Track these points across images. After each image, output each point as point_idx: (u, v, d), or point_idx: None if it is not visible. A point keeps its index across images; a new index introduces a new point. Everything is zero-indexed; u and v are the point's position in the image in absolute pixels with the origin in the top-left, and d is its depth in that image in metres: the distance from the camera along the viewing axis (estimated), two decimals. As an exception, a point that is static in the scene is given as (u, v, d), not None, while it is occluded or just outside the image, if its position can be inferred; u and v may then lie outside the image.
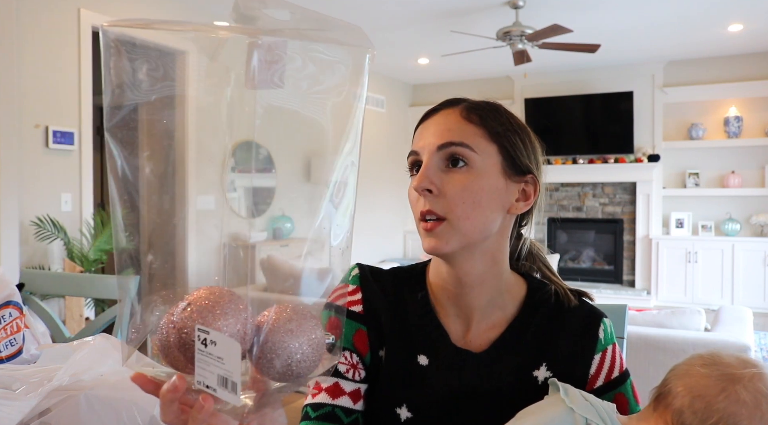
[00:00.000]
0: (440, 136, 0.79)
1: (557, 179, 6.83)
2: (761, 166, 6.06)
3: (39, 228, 3.46)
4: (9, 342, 1.20)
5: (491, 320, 0.83)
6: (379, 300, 0.87)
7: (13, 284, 1.27)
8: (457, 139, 0.78)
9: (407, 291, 0.87)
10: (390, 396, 0.84)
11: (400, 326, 0.85)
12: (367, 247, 6.77)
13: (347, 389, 0.83)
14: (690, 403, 0.67)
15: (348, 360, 0.84)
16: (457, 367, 0.82)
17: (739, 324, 2.55)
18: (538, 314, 0.84)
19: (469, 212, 0.77)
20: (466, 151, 0.77)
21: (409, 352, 0.84)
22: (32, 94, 3.50)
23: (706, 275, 6.08)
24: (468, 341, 0.83)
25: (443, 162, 0.78)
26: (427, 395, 0.82)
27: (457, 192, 0.77)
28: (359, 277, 0.89)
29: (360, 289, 0.88)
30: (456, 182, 0.77)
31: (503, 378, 0.81)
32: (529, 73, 6.59)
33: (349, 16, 4.85)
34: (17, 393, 0.90)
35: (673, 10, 4.70)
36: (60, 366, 0.93)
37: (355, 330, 0.86)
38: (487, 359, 0.82)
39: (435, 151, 0.78)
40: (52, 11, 3.60)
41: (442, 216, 0.77)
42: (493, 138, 0.79)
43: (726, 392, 0.66)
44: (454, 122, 0.79)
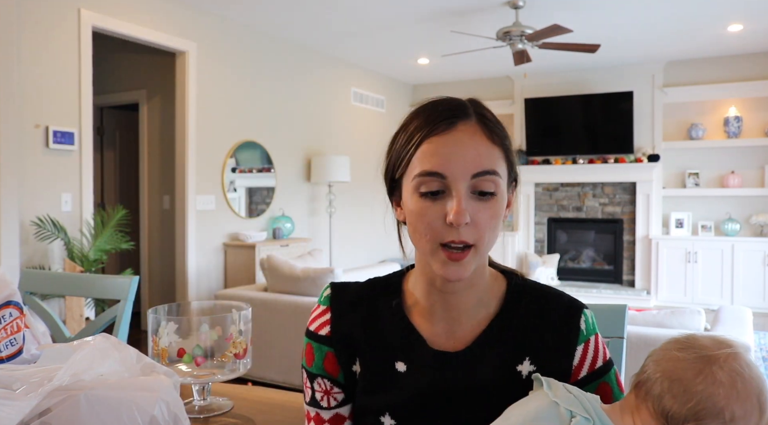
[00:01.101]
0: (473, 162, 0.74)
1: (557, 179, 6.82)
2: (761, 166, 6.06)
3: (39, 228, 3.46)
4: (9, 342, 1.20)
5: (474, 319, 0.84)
6: (349, 315, 0.87)
7: (14, 284, 1.27)
8: (490, 167, 0.75)
9: (382, 300, 0.88)
10: (372, 406, 0.85)
11: (375, 336, 0.86)
12: (367, 248, 6.78)
13: (326, 417, 0.87)
14: (669, 388, 0.68)
15: (322, 388, 0.87)
16: (436, 369, 0.82)
17: (739, 324, 2.55)
18: (519, 308, 0.84)
19: (492, 237, 0.77)
20: (495, 178, 0.75)
21: (386, 360, 0.85)
22: (32, 94, 3.50)
23: (705, 275, 6.08)
24: (450, 341, 0.83)
25: (471, 188, 0.75)
26: (408, 400, 0.82)
27: (488, 221, 0.75)
28: (329, 298, 0.90)
29: (329, 310, 0.89)
30: (487, 212, 0.75)
31: (486, 375, 0.81)
32: (529, 73, 6.59)
33: (350, 16, 4.85)
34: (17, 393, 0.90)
35: (673, 11, 4.70)
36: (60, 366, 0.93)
37: (324, 354, 0.87)
38: (468, 357, 0.81)
39: (468, 179, 0.74)
40: (52, 11, 3.60)
41: (471, 244, 0.75)
42: (505, 156, 0.79)
43: (703, 374, 0.67)
44: (483, 145, 0.76)
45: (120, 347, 1.03)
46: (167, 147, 4.97)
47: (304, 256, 4.29)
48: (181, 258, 4.65)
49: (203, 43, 4.65)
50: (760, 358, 4.14)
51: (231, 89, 4.97)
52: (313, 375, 0.88)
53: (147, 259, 5.20)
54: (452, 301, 0.83)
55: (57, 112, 3.65)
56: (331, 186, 5.89)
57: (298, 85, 5.74)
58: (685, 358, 0.69)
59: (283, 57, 5.51)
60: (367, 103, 6.82)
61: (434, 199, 0.75)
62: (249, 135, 5.18)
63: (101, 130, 5.56)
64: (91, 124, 3.87)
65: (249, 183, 5.28)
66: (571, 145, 6.70)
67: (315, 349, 0.88)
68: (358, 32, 5.33)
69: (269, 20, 4.97)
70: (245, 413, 1.13)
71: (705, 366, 0.68)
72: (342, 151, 6.26)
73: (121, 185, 5.72)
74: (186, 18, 4.51)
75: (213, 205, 4.86)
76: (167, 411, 0.92)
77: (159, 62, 4.89)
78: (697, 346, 0.70)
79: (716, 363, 0.68)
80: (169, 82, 4.76)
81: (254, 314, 1.13)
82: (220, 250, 4.94)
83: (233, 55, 4.97)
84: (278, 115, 5.51)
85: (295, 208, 5.77)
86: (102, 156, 5.60)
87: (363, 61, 6.44)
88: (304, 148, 5.86)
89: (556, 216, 6.98)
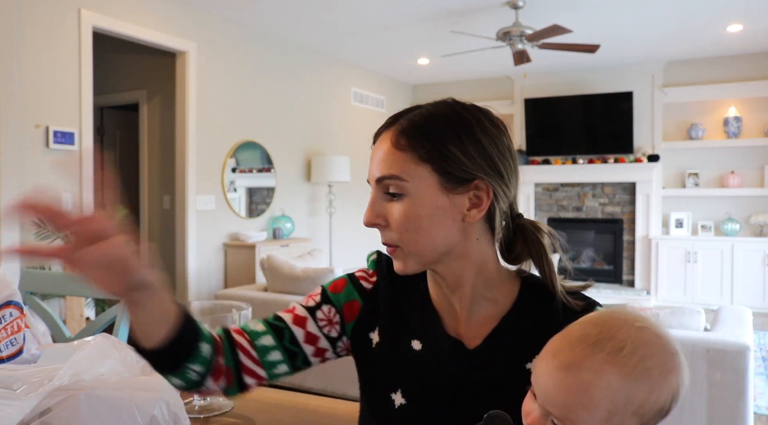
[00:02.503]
0: (377, 168, 0.81)
1: (557, 179, 6.83)
2: (761, 166, 6.06)
3: (39, 228, 3.46)
4: (9, 342, 1.21)
5: (482, 316, 0.85)
6: (386, 287, 0.92)
7: (14, 284, 1.28)
8: (388, 172, 0.79)
9: (412, 282, 0.91)
10: (384, 380, 0.87)
11: (399, 313, 0.90)
12: (367, 248, 6.78)
13: (309, 328, 0.91)
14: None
15: (326, 316, 0.92)
16: (450, 356, 0.84)
17: (739, 324, 2.55)
18: (531, 306, 0.85)
19: (415, 237, 0.80)
20: (397, 182, 0.79)
21: (403, 336, 0.88)
22: (32, 94, 3.50)
23: (705, 275, 6.08)
24: (460, 333, 0.85)
25: (383, 193, 0.81)
26: (420, 381, 0.85)
27: (399, 221, 0.79)
28: (375, 262, 0.95)
29: (376, 274, 0.94)
30: (396, 212, 0.80)
31: (497, 372, 0.82)
32: (529, 73, 6.59)
33: (350, 16, 4.85)
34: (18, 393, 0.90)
35: (673, 11, 4.70)
36: (60, 366, 0.93)
37: (351, 298, 0.93)
38: (480, 354, 0.83)
39: (376, 184, 0.82)
40: (52, 11, 3.60)
41: (394, 245, 0.81)
42: (422, 159, 0.78)
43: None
44: (386, 152, 0.80)
45: (120, 347, 1.03)
46: (167, 147, 4.97)
47: (304, 256, 4.29)
48: (181, 258, 4.65)
49: (203, 43, 4.65)
50: (760, 358, 4.14)
51: (231, 89, 4.97)
52: (327, 300, 0.93)
53: (147, 259, 5.20)
54: (447, 296, 0.86)
55: (57, 112, 3.65)
56: (331, 186, 5.90)
57: (298, 85, 5.74)
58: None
59: (283, 57, 5.51)
60: (367, 103, 6.82)
61: None
62: (249, 135, 5.18)
63: (101, 130, 5.56)
64: (92, 124, 3.87)
65: (249, 183, 5.28)
66: (571, 145, 6.70)
67: (348, 288, 0.93)
68: (358, 32, 5.33)
69: (269, 20, 4.97)
70: (245, 413, 1.13)
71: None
72: (342, 151, 6.26)
73: (121, 185, 5.71)
74: (186, 18, 4.51)
75: (213, 205, 4.86)
76: (167, 411, 0.92)
77: (159, 62, 4.89)
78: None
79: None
80: (169, 82, 4.76)
81: (254, 314, 1.13)
82: (220, 250, 4.94)
83: (233, 55, 4.97)
84: (278, 115, 5.51)
85: (295, 208, 5.77)
86: (102, 156, 5.60)
87: (363, 61, 6.44)
88: (304, 148, 5.86)
89: (556, 216, 6.98)
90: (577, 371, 0.61)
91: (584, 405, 0.61)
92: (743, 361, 2.26)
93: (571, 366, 0.62)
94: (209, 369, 0.84)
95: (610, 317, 0.65)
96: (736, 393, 2.26)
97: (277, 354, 0.89)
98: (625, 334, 0.62)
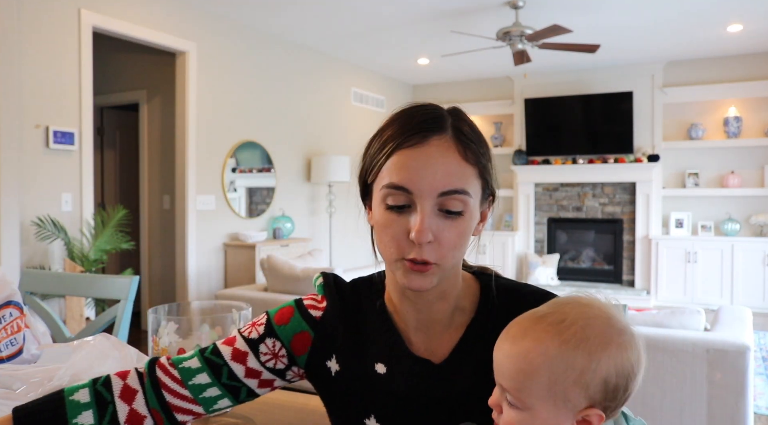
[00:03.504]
0: (442, 180, 0.72)
1: (557, 179, 6.82)
2: (761, 166, 6.06)
3: (39, 228, 3.46)
4: (9, 342, 1.21)
5: (453, 327, 0.82)
6: (339, 310, 0.86)
7: (14, 284, 1.28)
8: (459, 187, 0.72)
9: (366, 300, 0.87)
10: (355, 407, 0.84)
11: (357, 336, 0.85)
12: (367, 248, 6.76)
13: (249, 363, 0.84)
14: None
15: (270, 350, 0.85)
16: (417, 376, 0.81)
17: (739, 324, 2.55)
18: (492, 312, 0.82)
19: (458, 254, 0.75)
20: (465, 197, 0.73)
21: (366, 361, 0.83)
22: (32, 94, 3.50)
23: (705, 275, 6.08)
24: (429, 351, 0.82)
25: (438, 206, 0.73)
26: (391, 404, 0.81)
27: (454, 240, 0.73)
28: (323, 286, 0.89)
29: (325, 298, 0.88)
30: (453, 231, 0.73)
31: (466, 384, 0.79)
32: (529, 73, 6.59)
33: (350, 16, 4.85)
34: (18, 393, 0.90)
35: (673, 10, 4.70)
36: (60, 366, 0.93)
37: (300, 330, 0.86)
38: (447, 368, 0.80)
39: (435, 197, 0.72)
40: (52, 11, 3.60)
41: (434, 263, 0.73)
42: (480, 174, 0.75)
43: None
44: (454, 163, 0.72)
45: (120, 347, 1.03)
46: (167, 147, 4.98)
47: (304, 256, 4.29)
48: (181, 258, 4.65)
49: (203, 43, 4.65)
50: (760, 358, 4.14)
51: (231, 89, 4.97)
52: (272, 332, 0.85)
53: (147, 259, 5.21)
54: (425, 312, 0.81)
55: (57, 112, 3.65)
56: (331, 186, 5.90)
57: (298, 85, 5.74)
58: None
59: (283, 57, 5.51)
60: (367, 103, 6.82)
61: (400, 213, 0.73)
62: (249, 135, 5.18)
63: (101, 130, 5.56)
64: (92, 124, 3.87)
65: (249, 183, 5.28)
66: (571, 145, 6.70)
67: (295, 318, 0.86)
68: (358, 32, 5.33)
69: (269, 20, 4.97)
70: (245, 413, 1.13)
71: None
72: (342, 151, 6.26)
73: (121, 185, 5.72)
74: (186, 18, 4.51)
75: (213, 205, 4.86)
76: (167, 411, 0.92)
77: (159, 62, 4.89)
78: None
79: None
80: (169, 82, 4.76)
81: (254, 314, 1.13)
82: (220, 250, 4.94)
83: (233, 55, 4.97)
84: (278, 115, 5.51)
85: (295, 208, 5.77)
86: (102, 156, 5.60)
87: (363, 61, 6.44)
88: (304, 148, 5.86)
89: (556, 216, 6.98)
90: (520, 340, 0.65)
91: (526, 372, 0.64)
92: (743, 361, 2.26)
93: (516, 337, 0.66)
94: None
95: (564, 299, 0.69)
96: (736, 393, 2.26)
97: (215, 390, 0.83)
98: (569, 309, 0.66)
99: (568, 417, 0.64)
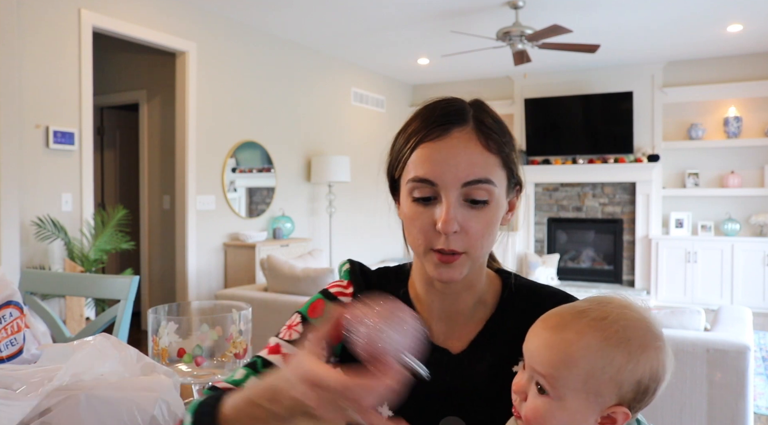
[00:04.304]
0: (465, 171, 0.74)
1: (557, 179, 6.83)
2: (761, 166, 6.06)
3: (39, 228, 3.46)
4: (9, 342, 1.20)
5: (474, 319, 0.84)
6: (364, 296, 0.88)
7: (14, 284, 1.27)
8: (483, 176, 0.74)
9: (391, 288, 0.88)
10: None
11: None
12: (367, 248, 6.78)
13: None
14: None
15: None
16: (434, 363, 0.81)
17: (739, 324, 2.55)
18: (514, 308, 0.84)
19: (487, 244, 0.78)
20: (489, 187, 0.75)
21: None
22: (33, 94, 3.50)
23: (705, 275, 6.08)
24: (448, 341, 0.84)
25: (463, 197, 0.75)
26: (406, 393, 0.82)
27: (480, 230, 0.75)
28: (349, 272, 0.91)
29: (351, 284, 0.90)
30: (480, 220, 0.75)
31: (483, 376, 0.81)
32: (529, 73, 6.59)
33: (350, 16, 4.85)
34: (18, 393, 0.90)
35: (673, 11, 4.70)
36: (60, 366, 0.93)
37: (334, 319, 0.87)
38: (465, 359, 0.82)
39: (459, 188, 0.74)
40: (52, 11, 3.60)
41: (462, 252, 0.76)
42: (504, 164, 0.77)
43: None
44: (477, 154, 0.75)
45: (120, 347, 1.03)
46: (167, 147, 4.97)
47: (304, 256, 4.29)
48: (181, 258, 4.65)
49: (203, 43, 4.65)
50: (760, 358, 4.14)
51: (231, 89, 4.97)
52: (311, 328, 0.85)
53: (147, 259, 5.20)
54: (450, 302, 0.83)
55: (57, 112, 3.65)
56: (331, 186, 5.89)
57: (298, 85, 5.74)
58: None
59: (283, 57, 5.51)
60: (367, 103, 6.82)
61: (426, 205, 0.76)
62: (249, 135, 5.18)
63: (101, 130, 5.56)
64: (92, 124, 3.87)
65: (249, 183, 5.28)
66: (571, 145, 6.70)
67: (327, 308, 0.88)
68: (358, 32, 5.33)
69: (269, 20, 4.97)
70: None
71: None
72: (342, 151, 6.26)
73: (121, 185, 5.72)
74: (186, 18, 4.51)
75: (213, 205, 4.86)
76: (167, 411, 0.92)
77: (159, 62, 4.89)
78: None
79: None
80: (169, 82, 4.76)
81: (254, 314, 1.13)
82: (220, 250, 4.94)
83: (233, 55, 4.97)
84: (278, 115, 5.51)
85: (295, 207, 5.76)
86: (102, 156, 5.60)
87: (363, 61, 6.44)
88: (304, 148, 5.85)
89: (556, 216, 6.98)
90: (561, 330, 0.67)
91: (565, 362, 0.65)
92: (743, 361, 2.26)
93: (557, 327, 0.68)
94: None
95: (606, 297, 0.71)
96: (736, 393, 2.26)
97: None
98: (611, 308, 0.68)
99: (594, 412, 0.66)
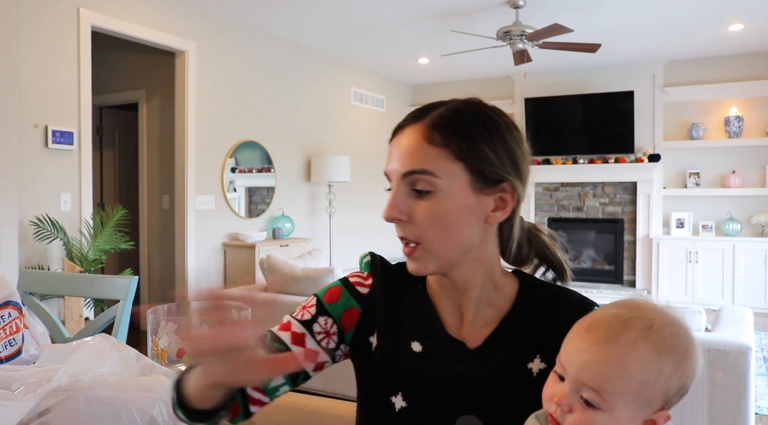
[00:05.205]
0: (403, 162, 0.79)
1: (557, 179, 6.82)
2: (762, 166, 6.06)
3: (38, 228, 3.46)
4: (8, 343, 1.20)
5: (484, 317, 0.85)
6: (382, 288, 0.90)
7: (13, 284, 1.27)
8: (419, 167, 0.77)
9: (408, 282, 0.90)
10: (384, 384, 0.86)
11: (396, 314, 0.88)
12: (367, 248, 6.76)
13: (308, 344, 0.87)
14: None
15: (323, 328, 0.88)
16: (451, 358, 0.83)
17: (740, 324, 2.54)
18: (530, 307, 0.85)
19: (440, 235, 0.78)
20: (428, 177, 0.77)
21: (403, 339, 0.86)
22: (32, 93, 3.49)
23: (706, 275, 6.08)
24: (463, 335, 0.85)
25: (409, 188, 0.79)
26: (421, 383, 0.84)
27: (425, 219, 0.78)
28: (370, 264, 0.93)
29: (371, 276, 0.92)
30: (423, 209, 0.78)
31: (498, 373, 0.82)
32: (529, 73, 6.58)
33: (350, 17, 4.84)
34: (16, 394, 0.89)
35: (674, 10, 4.70)
36: (59, 367, 0.93)
37: (349, 306, 0.90)
38: (481, 355, 0.83)
39: (401, 179, 0.79)
40: (51, 10, 3.59)
41: (415, 242, 0.79)
42: (457, 157, 0.77)
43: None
44: (416, 145, 0.78)
45: (119, 347, 1.02)
46: (167, 147, 4.97)
47: (304, 256, 4.29)
48: (181, 258, 4.65)
49: (203, 43, 4.65)
50: (762, 358, 4.14)
51: (230, 89, 4.97)
52: (324, 311, 0.89)
53: (146, 259, 5.20)
54: (455, 297, 0.85)
55: (56, 112, 3.64)
56: (331, 186, 5.89)
57: (298, 84, 5.73)
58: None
59: (283, 57, 5.51)
60: (367, 103, 6.82)
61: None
62: (249, 135, 5.17)
63: (100, 129, 5.56)
64: (91, 123, 3.86)
65: (249, 183, 5.27)
66: (572, 145, 6.70)
67: (344, 296, 0.90)
68: (358, 32, 5.32)
69: (269, 20, 4.96)
70: (245, 413, 1.12)
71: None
72: (342, 151, 6.25)
73: (120, 185, 5.71)
74: (186, 18, 4.50)
75: (213, 205, 4.85)
76: (166, 412, 0.92)
77: (159, 62, 4.88)
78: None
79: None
80: (168, 82, 4.75)
81: (254, 314, 1.12)
82: (219, 250, 4.94)
83: (233, 55, 4.97)
84: (278, 115, 5.50)
85: (295, 207, 5.76)
86: (101, 156, 5.59)
87: (363, 61, 6.44)
88: (303, 147, 5.85)
89: (557, 216, 6.97)
90: (613, 343, 0.66)
91: (619, 375, 0.65)
92: (744, 362, 2.25)
93: (608, 340, 0.66)
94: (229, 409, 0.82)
95: (637, 301, 0.72)
96: (737, 394, 2.26)
97: (280, 378, 0.86)
98: (653, 314, 0.69)
99: (642, 418, 0.67)
